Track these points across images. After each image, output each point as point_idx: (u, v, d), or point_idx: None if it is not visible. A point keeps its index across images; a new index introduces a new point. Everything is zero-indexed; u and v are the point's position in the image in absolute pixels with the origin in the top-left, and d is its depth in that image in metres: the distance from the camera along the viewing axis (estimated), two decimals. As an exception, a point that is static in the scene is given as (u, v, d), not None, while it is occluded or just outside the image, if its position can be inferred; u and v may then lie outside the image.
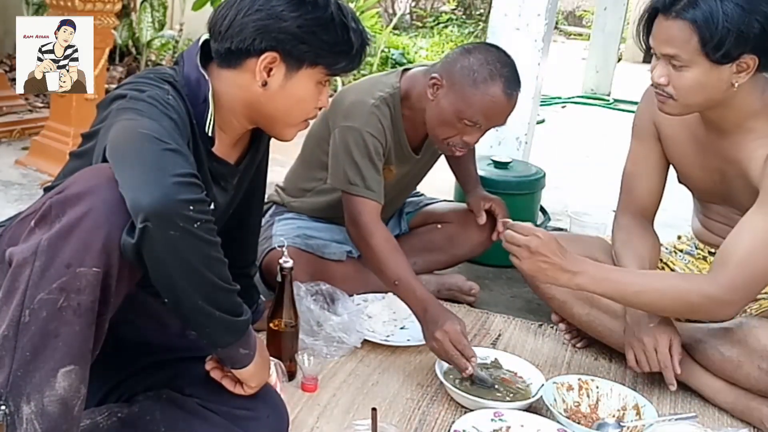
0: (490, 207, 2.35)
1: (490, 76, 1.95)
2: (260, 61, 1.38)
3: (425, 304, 1.87)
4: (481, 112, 1.96)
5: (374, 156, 2.04)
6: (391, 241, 2.00)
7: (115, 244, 1.15)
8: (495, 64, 1.97)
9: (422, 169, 2.36)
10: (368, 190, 2.02)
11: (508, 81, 1.97)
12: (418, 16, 10.39)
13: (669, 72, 1.67)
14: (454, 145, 2.04)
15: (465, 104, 1.96)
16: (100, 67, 3.09)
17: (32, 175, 3.15)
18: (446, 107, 1.99)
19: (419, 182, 2.46)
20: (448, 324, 1.80)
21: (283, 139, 1.52)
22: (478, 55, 1.98)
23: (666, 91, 1.70)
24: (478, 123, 1.98)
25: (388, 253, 1.95)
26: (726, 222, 1.93)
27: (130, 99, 1.29)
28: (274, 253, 2.12)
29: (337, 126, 2.07)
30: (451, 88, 1.98)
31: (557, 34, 11.17)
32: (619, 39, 6.91)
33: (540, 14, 2.99)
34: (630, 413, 1.77)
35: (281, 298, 1.80)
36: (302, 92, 1.44)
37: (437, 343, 1.81)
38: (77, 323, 1.14)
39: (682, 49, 1.62)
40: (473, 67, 1.96)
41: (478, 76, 1.95)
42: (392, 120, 2.09)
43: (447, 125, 2.01)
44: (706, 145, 1.84)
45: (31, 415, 1.14)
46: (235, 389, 1.39)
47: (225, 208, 1.57)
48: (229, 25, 1.38)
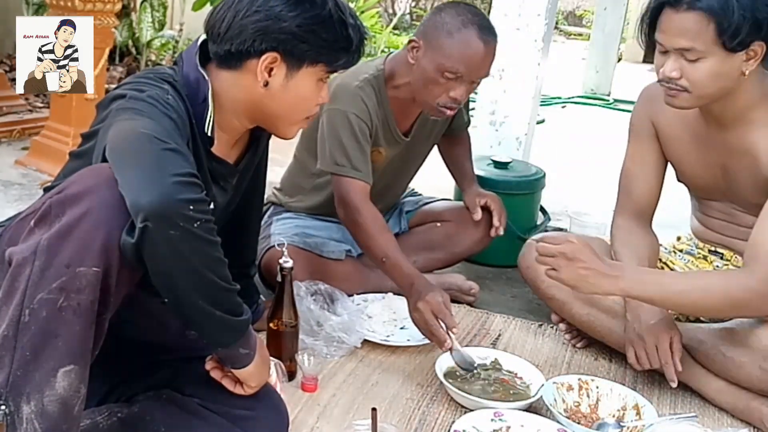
0: (485, 203, 2.35)
1: (463, 24, 2.00)
2: (261, 62, 1.38)
3: (412, 278, 1.91)
4: (460, 60, 1.99)
5: (360, 137, 2.06)
6: (379, 219, 2.03)
7: (114, 243, 1.15)
8: (466, 14, 2.02)
9: (415, 154, 2.35)
10: (355, 170, 2.04)
11: (482, 28, 2.01)
12: (418, 16, 10.38)
13: (681, 65, 1.67)
14: (444, 105, 2.06)
15: (443, 56, 1.99)
16: (100, 67, 3.09)
17: (32, 175, 3.15)
18: (427, 65, 2.02)
19: (415, 170, 2.46)
20: (430, 295, 1.83)
21: (286, 137, 1.53)
22: (449, 10, 2.04)
23: (679, 85, 1.69)
24: (459, 72, 2.00)
25: (375, 231, 1.99)
26: (725, 219, 1.93)
27: (130, 99, 1.29)
28: (273, 252, 2.12)
29: (324, 110, 2.09)
30: (428, 46, 2.02)
31: (557, 34, 11.17)
32: (619, 39, 6.91)
33: (540, 14, 2.99)
34: (630, 413, 1.77)
35: (281, 298, 1.80)
36: (304, 90, 1.44)
37: (418, 313, 1.84)
38: (77, 323, 1.15)
39: (697, 41, 1.62)
40: (445, 20, 2.02)
41: (452, 27, 2.00)
42: (378, 101, 2.12)
43: (432, 83, 2.03)
44: (707, 140, 1.84)
45: (31, 414, 1.14)
46: (235, 389, 1.39)
47: (224, 207, 1.57)
48: (227, 27, 1.37)
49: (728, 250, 1.98)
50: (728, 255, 1.98)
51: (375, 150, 2.16)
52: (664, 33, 1.68)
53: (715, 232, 1.98)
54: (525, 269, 2.14)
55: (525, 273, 2.14)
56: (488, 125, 3.13)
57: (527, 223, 2.76)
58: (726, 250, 1.99)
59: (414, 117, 2.23)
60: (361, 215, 2.01)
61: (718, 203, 1.95)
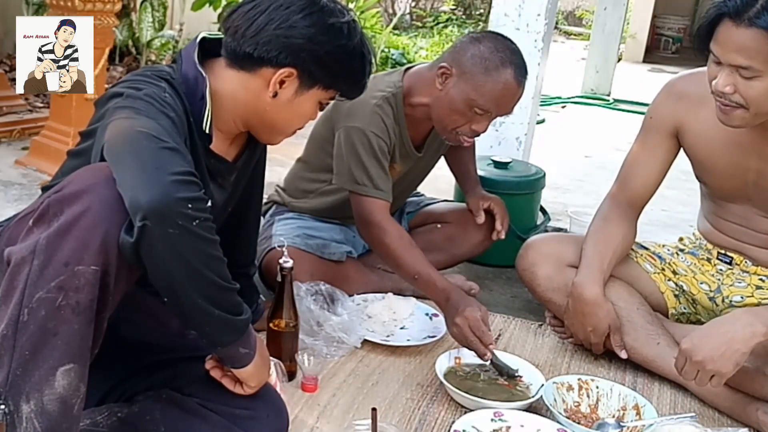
0: (488, 206, 2.35)
1: (502, 63, 1.97)
2: (277, 75, 1.39)
3: (447, 293, 1.90)
4: (493, 99, 1.98)
5: (380, 155, 2.05)
6: (405, 236, 2.02)
7: (113, 242, 1.15)
8: (505, 51, 1.99)
9: (424, 167, 2.36)
10: (377, 189, 2.03)
11: (519, 68, 1.99)
12: (417, 16, 10.39)
13: (736, 80, 1.60)
14: (463, 134, 2.06)
15: (477, 92, 1.97)
16: (100, 67, 3.09)
17: (32, 175, 3.15)
18: (456, 96, 1.99)
19: (422, 181, 2.46)
20: (468, 310, 1.82)
21: (270, 143, 1.58)
22: (488, 43, 2.00)
23: (733, 101, 1.62)
24: (489, 111, 2.00)
25: (403, 249, 1.98)
26: (742, 223, 1.91)
27: (127, 97, 1.29)
28: (273, 252, 2.12)
29: (341, 126, 2.07)
30: (461, 77, 1.99)
31: (557, 34, 11.17)
32: (619, 39, 6.90)
33: (540, 14, 2.99)
34: (630, 413, 1.77)
35: (281, 298, 1.80)
36: (306, 109, 1.47)
37: (457, 328, 1.84)
38: (76, 322, 1.14)
39: (756, 60, 1.55)
40: (484, 55, 1.98)
41: (490, 64, 1.97)
42: (395, 118, 2.10)
43: (457, 114, 2.01)
44: (747, 144, 1.80)
45: (31, 413, 1.14)
46: (235, 389, 1.39)
47: (223, 206, 1.57)
48: (257, 30, 1.37)
49: (739, 254, 1.97)
50: (738, 259, 1.97)
51: (391, 166, 2.14)
52: (721, 46, 1.60)
53: (727, 235, 1.97)
54: (522, 271, 2.13)
55: (522, 275, 2.14)
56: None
57: (527, 223, 2.76)
58: (737, 254, 1.97)
59: (427, 131, 2.22)
60: (388, 235, 1.99)
61: (737, 206, 1.92)
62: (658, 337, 1.95)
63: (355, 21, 1.43)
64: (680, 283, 2.06)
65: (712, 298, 2.01)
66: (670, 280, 2.07)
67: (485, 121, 2.03)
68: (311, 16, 1.37)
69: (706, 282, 2.02)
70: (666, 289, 2.07)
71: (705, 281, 2.02)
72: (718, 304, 2.00)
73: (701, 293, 2.03)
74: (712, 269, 2.02)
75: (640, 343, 1.95)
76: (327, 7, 1.40)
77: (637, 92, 6.74)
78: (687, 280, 2.05)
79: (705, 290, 2.02)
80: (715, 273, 2.01)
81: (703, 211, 2.07)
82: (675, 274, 2.07)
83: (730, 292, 1.98)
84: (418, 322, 2.14)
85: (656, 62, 9.39)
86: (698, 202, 2.10)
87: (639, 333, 1.95)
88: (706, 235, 2.05)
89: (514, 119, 3.09)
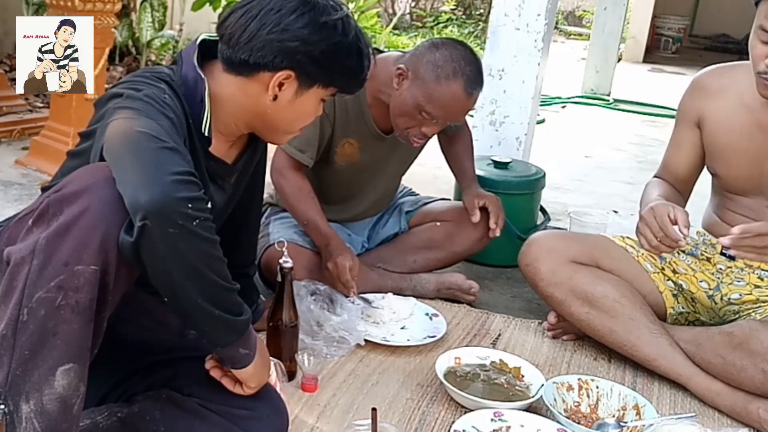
0: (484, 204, 2.35)
1: (453, 73, 2.01)
2: (275, 78, 1.39)
3: (328, 239, 2.10)
4: (441, 107, 2.03)
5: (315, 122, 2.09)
6: (304, 188, 2.17)
7: (112, 242, 1.15)
8: (459, 61, 2.02)
9: (402, 152, 2.34)
10: (298, 150, 2.12)
11: (470, 80, 2.03)
12: (418, 16, 10.39)
13: None
14: (414, 135, 2.11)
15: (426, 98, 2.02)
16: (100, 67, 3.09)
17: (32, 175, 3.15)
18: (408, 98, 2.04)
19: (403, 170, 2.47)
20: (340, 258, 2.04)
21: (277, 143, 1.60)
22: (444, 51, 2.04)
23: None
24: (435, 117, 2.04)
25: (299, 197, 2.15)
26: (752, 216, 1.92)
27: (127, 98, 1.29)
28: (272, 250, 2.12)
29: None
30: (414, 81, 2.04)
31: (557, 34, 11.17)
32: (619, 39, 6.90)
33: (540, 14, 2.99)
34: (630, 413, 1.77)
35: (281, 298, 1.80)
36: (308, 107, 1.46)
37: (327, 272, 2.06)
38: (75, 321, 1.14)
39: None
40: (438, 63, 2.02)
41: (442, 72, 2.01)
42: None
43: (407, 116, 2.07)
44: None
45: (31, 413, 1.14)
46: (235, 389, 1.39)
47: (223, 207, 1.57)
48: (250, 37, 1.36)
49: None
50: None
51: (345, 142, 2.19)
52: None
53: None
54: (525, 266, 2.14)
55: (525, 270, 2.14)
56: (488, 125, 3.13)
57: (527, 223, 2.76)
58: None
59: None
60: (288, 184, 2.15)
61: (749, 199, 1.95)
62: (661, 336, 1.95)
63: (348, 16, 1.41)
64: (680, 282, 2.06)
65: (711, 296, 2.01)
66: (670, 280, 2.08)
67: (435, 126, 2.09)
68: (303, 16, 1.36)
69: (706, 280, 2.03)
70: (665, 289, 2.07)
71: (705, 279, 2.03)
72: (716, 303, 2.01)
73: (700, 291, 2.03)
74: (712, 268, 2.02)
75: (643, 341, 1.95)
76: (318, 5, 1.37)
77: (637, 92, 6.75)
78: (687, 278, 2.05)
79: (704, 288, 2.03)
80: (715, 272, 2.02)
81: (712, 206, 2.08)
82: (675, 273, 2.07)
83: (729, 290, 1.99)
84: (418, 322, 2.15)
85: (656, 62, 9.40)
86: (698, 204, 2.11)
87: (642, 331, 1.95)
88: (711, 228, 2.06)
89: (514, 119, 3.10)
